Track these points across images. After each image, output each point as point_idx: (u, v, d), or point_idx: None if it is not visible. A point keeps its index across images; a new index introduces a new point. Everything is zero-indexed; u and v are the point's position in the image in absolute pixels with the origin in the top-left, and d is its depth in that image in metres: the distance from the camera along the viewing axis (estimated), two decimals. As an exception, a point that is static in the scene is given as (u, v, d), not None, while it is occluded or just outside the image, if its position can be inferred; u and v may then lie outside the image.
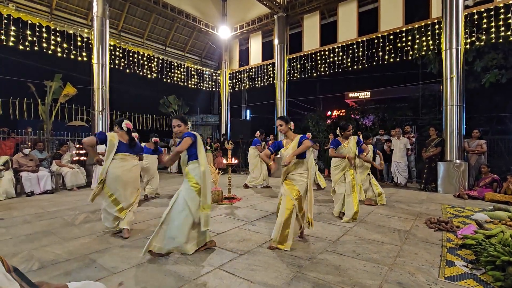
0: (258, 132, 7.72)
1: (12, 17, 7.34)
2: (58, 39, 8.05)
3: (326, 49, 9.76)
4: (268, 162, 3.20)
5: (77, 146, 7.80)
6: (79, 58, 8.37)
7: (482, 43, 7.23)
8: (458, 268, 2.55)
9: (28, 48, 7.59)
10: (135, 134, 3.71)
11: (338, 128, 4.40)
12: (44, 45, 7.83)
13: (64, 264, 2.64)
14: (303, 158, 3.12)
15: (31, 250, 2.98)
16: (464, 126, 6.84)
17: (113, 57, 9.26)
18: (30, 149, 6.71)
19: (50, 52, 7.94)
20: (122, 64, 9.67)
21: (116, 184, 3.33)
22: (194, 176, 2.86)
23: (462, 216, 4.43)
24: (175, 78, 11.52)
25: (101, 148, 5.93)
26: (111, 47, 9.08)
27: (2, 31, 7.22)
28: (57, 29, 8.08)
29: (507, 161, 7.98)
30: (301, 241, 3.27)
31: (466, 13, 6.98)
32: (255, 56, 11.98)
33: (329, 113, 17.26)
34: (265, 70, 11.48)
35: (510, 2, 6.66)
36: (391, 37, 8.47)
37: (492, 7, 6.87)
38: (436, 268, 2.57)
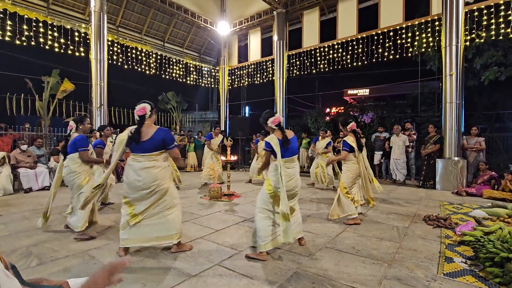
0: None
1: (8, 12, 7.24)
2: (55, 34, 7.96)
3: (326, 45, 9.71)
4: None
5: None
6: (77, 54, 8.29)
7: (482, 40, 7.22)
8: (456, 264, 2.57)
9: (25, 43, 7.50)
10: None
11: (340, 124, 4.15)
12: (41, 40, 7.75)
13: (63, 261, 2.63)
14: None
15: (29, 247, 2.96)
16: (463, 124, 6.86)
17: (111, 52, 9.19)
18: (27, 145, 6.68)
19: (47, 47, 7.86)
20: (120, 59, 9.60)
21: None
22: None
23: (460, 213, 4.45)
24: (173, 74, 11.46)
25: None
26: (109, 43, 9.00)
27: (-2, 26, 7.14)
28: (54, 24, 7.99)
29: (505, 158, 8.02)
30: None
31: (466, 10, 6.95)
32: (254, 53, 11.91)
33: (328, 110, 17.25)
34: (264, 67, 11.43)
35: (511, -1, 6.65)
36: (391, 33, 8.43)
37: (492, 4, 6.85)
38: (435, 264, 2.58)
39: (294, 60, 10.49)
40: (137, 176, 2.64)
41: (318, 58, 9.88)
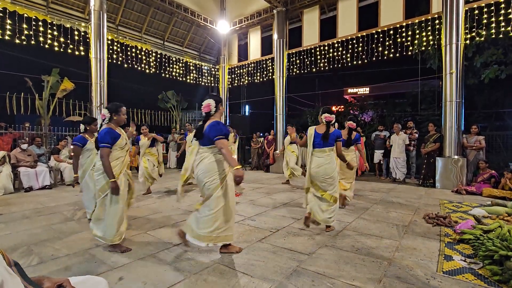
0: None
1: (8, 11, 7.22)
2: (55, 33, 7.94)
3: (326, 44, 9.69)
4: None
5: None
6: (77, 53, 8.28)
7: (482, 39, 7.20)
8: (456, 262, 2.57)
9: (24, 42, 7.49)
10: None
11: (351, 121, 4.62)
12: (41, 39, 7.73)
13: (64, 259, 2.64)
14: None
15: (30, 245, 2.97)
16: (463, 122, 6.85)
17: (111, 51, 9.17)
18: (27, 144, 6.68)
19: (47, 46, 7.84)
20: (120, 58, 9.58)
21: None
22: None
23: (460, 211, 4.46)
24: (173, 73, 11.44)
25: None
26: (109, 42, 8.98)
27: (-2, 25, 7.12)
28: (54, 23, 7.97)
29: (505, 156, 8.02)
30: (301, 236, 3.28)
31: (467, 8, 6.93)
32: (254, 51, 11.89)
33: (328, 108, 17.21)
34: (264, 65, 11.40)
35: (511, -3, 6.63)
36: (391, 32, 8.40)
37: (492, 2, 6.82)
38: (435, 262, 2.59)
39: (294, 59, 10.47)
40: (196, 167, 2.78)
41: (318, 57, 9.85)
